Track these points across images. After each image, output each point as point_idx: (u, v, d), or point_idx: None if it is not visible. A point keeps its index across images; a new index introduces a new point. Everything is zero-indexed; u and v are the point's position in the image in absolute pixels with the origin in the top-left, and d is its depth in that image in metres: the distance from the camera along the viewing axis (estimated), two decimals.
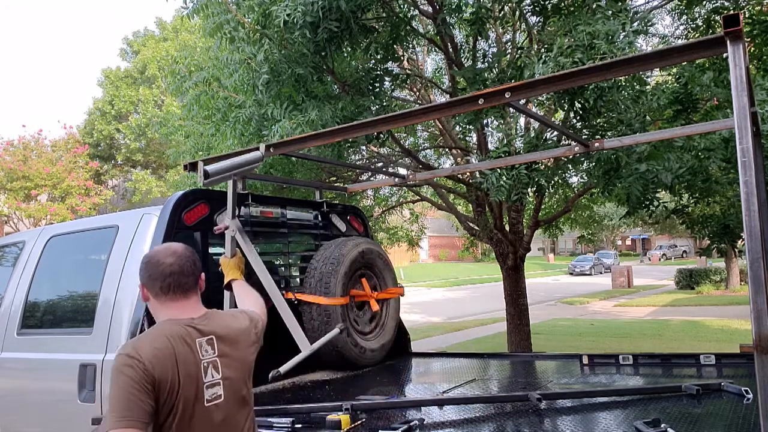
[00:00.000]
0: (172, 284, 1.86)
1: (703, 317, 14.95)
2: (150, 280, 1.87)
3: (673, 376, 3.40)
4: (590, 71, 2.20)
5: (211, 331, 1.86)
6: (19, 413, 3.56)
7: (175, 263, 1.88)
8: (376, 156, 9.09)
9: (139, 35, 28.56)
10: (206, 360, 1.81)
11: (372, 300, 4.01)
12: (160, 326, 1.83)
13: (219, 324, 1.91)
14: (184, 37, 21.58)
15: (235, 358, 1.90)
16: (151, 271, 1.87)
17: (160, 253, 1.90)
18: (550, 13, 5.41)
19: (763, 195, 2.57)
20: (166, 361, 1.72)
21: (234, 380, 1.87)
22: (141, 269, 1.91)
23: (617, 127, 4.94)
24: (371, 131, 3.79)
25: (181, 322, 1.83)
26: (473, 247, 14.57)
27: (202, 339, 1.83)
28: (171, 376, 1.72)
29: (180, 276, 1.87)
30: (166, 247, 1.94)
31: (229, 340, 1.90)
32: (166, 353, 1.73)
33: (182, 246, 1.96)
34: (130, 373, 1.67)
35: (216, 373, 1.82)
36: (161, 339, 1.76)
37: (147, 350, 1.71)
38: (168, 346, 1.75)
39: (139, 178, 24.41)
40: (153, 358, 1.70)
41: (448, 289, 29.41)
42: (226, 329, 1.92)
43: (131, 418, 1.63)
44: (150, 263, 1.89)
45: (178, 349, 1.76)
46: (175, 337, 1.78)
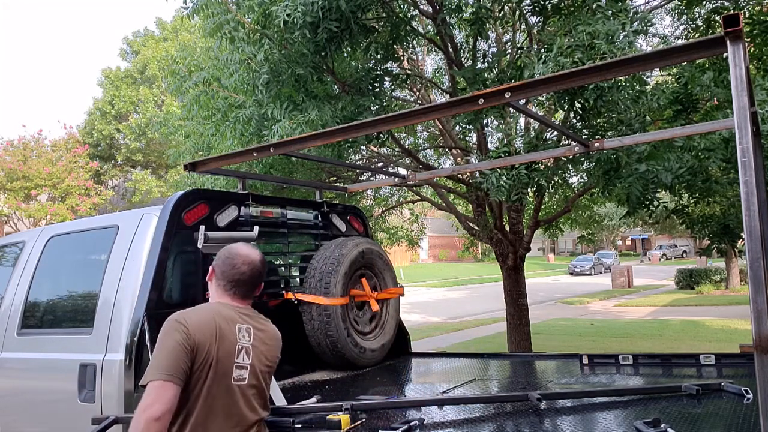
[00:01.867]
0: (236, 287, 2.16)
1: (703, 317, 14.95)
2: (222, 274, 2.16)
3: (673, 376, 3.40)
4: (590, 71, 2.20)
5: (251, 323, 2.14)
6: (19, 413, 3.55)
7: (247, 273, 2.16)
8: (376, 156, 9.09)
9: (139, 35, 28.57)
10: (241, 344, 2.06)
11: (372, 300, 4.01)
12: (210, 305, 2.15)
13: (258, 321, 2.19)
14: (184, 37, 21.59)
15: (264, 352, 2.14)
16: (226, 269, 2.16)
17: (240, 258, 2.17)
18: (550, 13, 5.41)
19: (763, 195, 2.57)
20: (208, 331, 1.98)
21: (259, 370, 2.11)
22: (221, 257, 2.19)
23: (617, 127, 4.94)
24: (371, 131, 3.79)
25: (228, 306, 2.13)
26: (473, 247, 14.57)
27: (243, 325, 2.10)
28: (209, 345, 1.96)
29: (246, 285, 2.18)
30: (247, 254, 2.19)
31: (262, 336, 2.16)
32: (209, 325, 2.00)
33: (260, 258, 2.22)
34: (175, 336, 1.93)
35: (246, 358, 2.07)
36: (207, 313, 2.05)
37: (193, 319, 1.99)
38: (212, 319, 2.02)
39: (139, 178, 24.42)
40: (196, 325, 1.97)
41: (448, 289, 29.41)
42: (263, 327, 2.19)
43: (170, 374, 1.87)
44: (229, 261, 2.16)
45: (221, 325, 2.02)
46: (220, 316, 2.06)
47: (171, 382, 1.86)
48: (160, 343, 1.95)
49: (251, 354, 2.09)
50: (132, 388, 2.88)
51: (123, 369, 2.91)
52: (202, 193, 3.54)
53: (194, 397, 1.95)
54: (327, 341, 3.64)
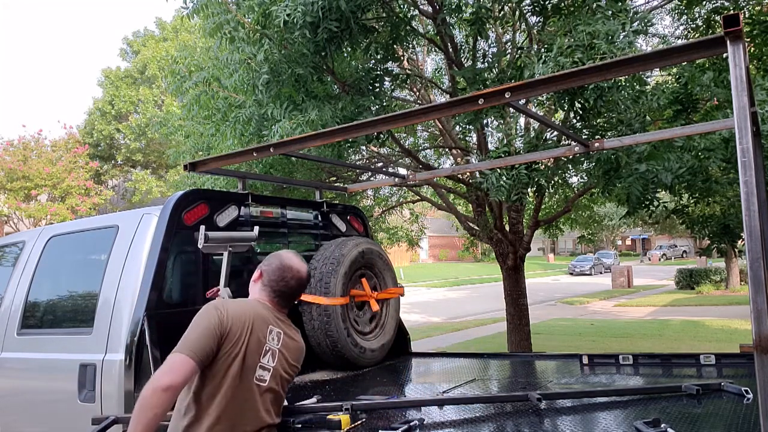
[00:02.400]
0: (280, 297, 2.24)
1: (703, 317, 14.95)
2: (269, 281, 2.23)
3: (673, 376, 3.40)
4: (590, 71, 2.20)
5: (283, 328, 2.20)
6: (19, 413, 3.55)
7: (294, 287, 2.26)
8: (376, 156, 9.09)
9: (139, 35, 28.56)
10: (269, 345, 2.11)
11: (372, 300, 4.01)
12: (251, 302, 2.21)
13: (290, 329, 2.26)
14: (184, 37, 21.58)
15: (288, 360, 2.20)
16: (275, 278, 2.23)
17: (291, 272, 2.25)
18: (550, 13, 5.41)
19: (763, 195, 2.57)
20: (242, 321, 2.04)
21: (280, 377, 2.15)
22: (272, 265, 2.25)
23: (617, 127, 4.94)
24: (371, 131, 3.79)
25: (268, 309, 2.20)
26: (473, 247, 14.57)
27: (275, 328, 2.16)
28: (239, 333, 2.02)
29: (290, 297, 2.28)
30: (298, 270, 2.27)
31: (289, 344, 2.22)
32: (243, 317, 2.06)
33: (307, 272, 2.33)
34: (210, 318, 2.00)
35: (272, 361, 2.11)
36: (246, 308, 2.11)
37: (231, 307, 2.07)
38: (249, 313, 2.09)
39: (139, 178, 24.41)
40: (233, 314, 2.04)
41: (448, 289, 29.40)
42: (293, 336, 2.26)
43: (193, 351, 1.92)
44: (280, 274, 2.23)
45: (255, 322, 2.08)
46: (257, 313, 2.12)
47: (191, 358, 1.90)
48: (194, 323, 2.01)
49: (276, 358, 2.12)
50: (132, 388, 2.88)
51: (123, 369, 2.91)
52: (202, 193, 3.55)
53: (217, 383, 1.98)
54: (327, 341, 3.64)
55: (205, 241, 3.06)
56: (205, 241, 3.07)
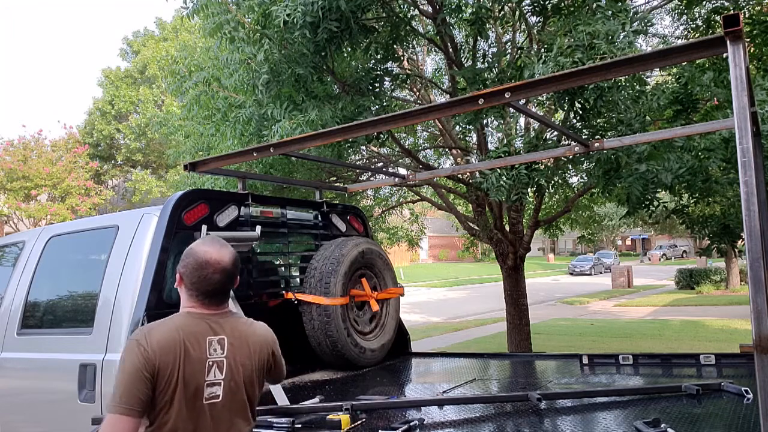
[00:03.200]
0: (210, 297, 1.91)
1: (703, 317, 14.95)
2: (191, 284, 1.91)
3: (673, 376, 3.40)
4: (590, 71, 2.20)
5: (226, 332, 1.90)
6: (19, 413, 3.55)
7: (221, 281, 1.91)
8: (376, 156, 9.09)
9: (139, 35, 28.56)
10: (212, 359, 1.85)
11: (372, 300, 4.01)
12: (176, 318, 1.91)
13: (235, 327, 1.94)
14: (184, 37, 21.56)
15: (242, 363, 1.91)
16: (195, 279, 1.90)
17: (210, 267, 1.90)
18: (550, 13, 5.41)
19: (763, 195, 2.57)
20: (171, 352, 1.79)
21: (236, 384, 1.89)
22: (187, 267, 1.91)
23: (617, 127, 4.94)
24: (371, 131, 3.79)
25: (199, 317, 1.89)
26: (473, 247, 14.57)
27: (214, 338, 1.87)
28: (172, 367, 1.78)
29: (220, 292, 1.93)
30: (218, 261, 1.91)
31: (240, 344, 1.92)
32: (172, 344, 1.79)
33: (231, 258, 1.94)
34: (134, 360, 1.76)
35: (219, 374, 1.86)
36: (172, 331, 1.83)
37: (155, 339, 1.79)
38: (176, 338, 1.81)
39: (139, 178, 24.41)
40: (158, 346, 1.78)
41: (448, 289, 29.41)
42: (242, 334, 1.94)
43: (127, 406, 1.71)
44: (198, 272, 1.89)
45: (186, 343, 1.82)
46: (186, 332, 1.84)
47: (127, 415, 1.71)
48: (120, 365, 1.79)
49: (224, 367, 1.87)
50: None
51: None
52: (202, 193, 3.55)
53: (165, 420, 1.79)
54: (327, 341, 3.64)
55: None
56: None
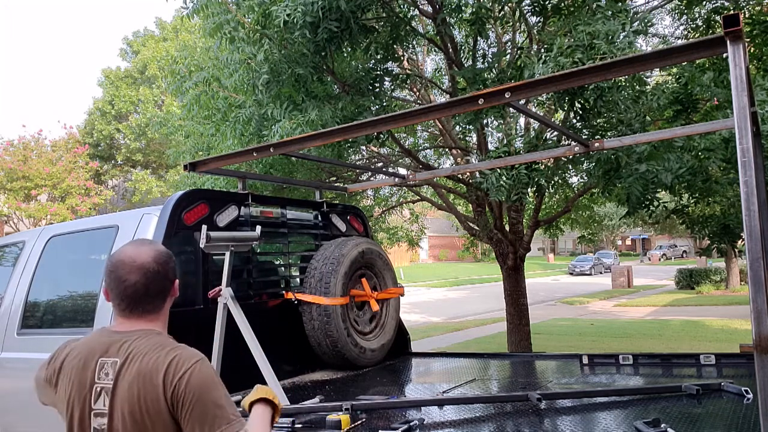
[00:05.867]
0: (128, 303, 1.59)
1: (703, 317, 14.95)
2: (110, 291, 1.61)
3: (673, 376, 3.40)
4: (590, 71, 2.20)
5: (124, 353, 1.54)
6: (19, 413, 3.55)
7: (140, 281, 1.57)
8: (376, 156, 9.09)
9: (139, 35, 28.55)
10: (100, 384, 1.53)
11: (372, 300, 4.01)
12: (89, 337, 1.65)
13: (139, 350, 1.54)
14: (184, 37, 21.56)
15: (133, 392, 1.50)
16: (113, 285, 1.59)
17: (125, 266, 1.58)
18: (550, 13, 5.42)
19: (763, 195, 2.57)
20: (67, 376, 1.59)
21: (123, 416, 1.50)
22: (105, 271, 1.62)
23: (617, 127, 4.95)
24: (371, 131, 3.79)
25: (107, 334, 1.61)
26: (473, 247, 14.57)
27: (107, 360, 1.54)
28: (68, 391, 1.58)
29: (142, 296, 1.59)
30: (133, 259, 1.58)
31: (140, 372, 1.50)
32: (69, 367, 1.59)
33: (153, 256, 1.61)
34: (38, 372, 1.68)
35: (107, 402, 1.52)
36: (78, 350, 1.61)
37: (64, 353, 1.65)
38: (77, 359, 1.59)
39: (139, 178, 24.41)
40: (60, 362, 1.63)
41: (448, 289, 29.40)
42: (145, 360, 1.52)
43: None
44: (114, 273, 1.59)
45: (81, 365, 1.57)
46: (84, 349, 1.59)
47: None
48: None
49: (115, 397, 1.51)
50: None
51: None
52: (202, 193, 3.55)
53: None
54: (327, 341, 3.64)
55: (207, 240, 3.06)
56: (207, 241, 3.07)
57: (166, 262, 1.63)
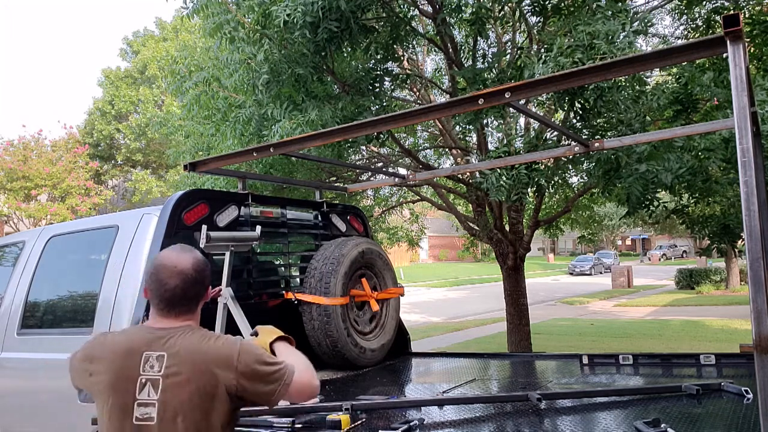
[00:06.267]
0: (168, 304, 1.76)
1: (703, 317, 14.95)
2: (150, 292, 1.78)
3: (673, 376, 3.40)
4: (590, 71, 2.20)
5: (169, 346, 1.68)
6: (19, 413, 3.56)
7: (179, 286, 1.74)
8: (376, 156, 9.09)
9: (139, 35, 28.56)
10: (146, 376, 1.66)
11: (372, 300, 4.01)
12: (128, 329, 1.88)
13: (186, 344, 1.70)
14: (184, 37, 21.56)
15: (187, 382, 1.65)
16: (154, 287, 1.76)
17: (167, 271, 1.75)
18: (550, 13, 5.42)
19: (763, 195, 2.57)
20: (104, 365, 1.70)
21: (175, 406, 1.64)
22: (147, 273, 1.81)
23: (617, 127, 4.95)
24: (371, 131, 3.79)
25: (148, 330, 1.75)
26: (473, 247, 14.57)
27: (152, 353, 1.68)
28: (106, 380, 1.68)
29: (180, 298, 1.76)
30: (174, 264, 1.76)
31: (183, 362, 1.66)
32: (107, 357, 1.71)
33: (192, 263, 1.78)
34: (72, 361, 1.81)
35: (153, 393, 1.65)
36: (117, 342, 1.74)
37: (99, 343, 1.78)
38: (117, 350, 1.71)
39: (139, 178, 24.42)
40: (98, 353, 1.74)
41: (448, 289, 29.41)
42: (190, 352, 1.68)
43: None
44: (155, 277, 1.76)
45: (122, 357, 1.69)
46: (125, 344, 1.72)
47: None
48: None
49: (160, 387, 1.64)
50: None
51: None
52: (202, 193, 3.55)
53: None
54: (327, 341, 3.64)
55: (207, 240, 3.06)
56: (207, 241, 3.06)
57: (203, 270, 1.82)
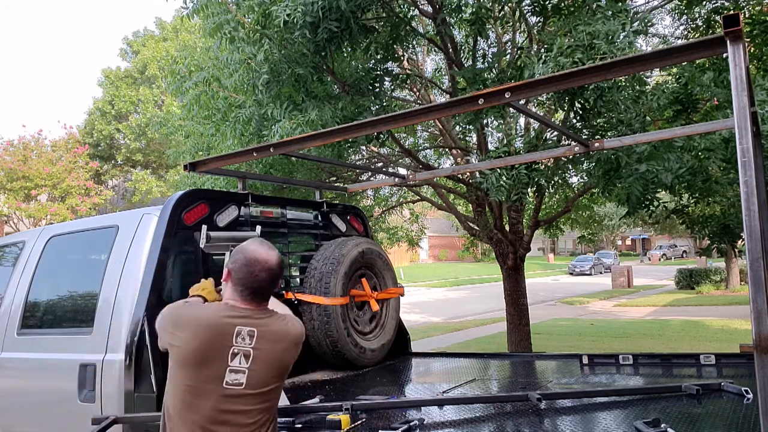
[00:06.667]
0: (253, 292, 2.06)
1: (703, 317, 14.95)
2: (239, 280, 2.06)
3: (673, 376, 3.40)
4: (590, 71, 2.20)
5: (258, 324, 2.03)
6: (19, 413, 3.55)
7: (266, 279, 2.06)
8: (376, 156, 9.09)
9: (139, 35, 28.56)
10: (238, 347, 1.98)
11: (372, 300, 4.01)
12: (216, 303, 2.18)
13: (268, 322, 2.07)
14: (184, 37, 21.55)
15: (269, 354, 2.02)
16: (243, 276, 2.05)
17: (259, 265, 2.05)
18: (550, 13, 5.42)
19: (763, 195, 2.57)
20: (194, 332, 1.98)
21: (261, 374, 2.00)
22: (238, 262, 2.07)
23: (617, 127, 4.95)
24: (371, 131, 3.79)
25: (235, 309, 2.05)
26: (473, 247, 14.56)
27: (244, 328, 2.00)
28: (198, 346, 1.95)
29: (265, 290, 2.09)
30: (266, 260, 2.06)
31: (268, 338, 2.03)
32: (199, 325, 2.00)
33: (277, 259, 2.10)
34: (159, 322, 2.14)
35: (245, 362, 1.98)
36: (207, 316, 2.04)
37: (183, 316, 2.07)
38: (209, 322, 2.00)
39: (139, 178, 24.41)
40: (184, 323, 2.03)
41: (448, 289, 29.40)
42: (272, 328, 2.06)
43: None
44: (247, 269, 2.04)
45: (214, 328, 1.98)
46: (216, 319, 2.01)
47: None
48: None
49: (251, 358, 1.99)
50: (132, 388, 2.87)
51: (123, 369, 2.91)
52: (202, 193, 3.55)
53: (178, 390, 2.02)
54: (327, 341, 3.64)
55: (207, 240, 3.06)
56: (207, 241, 3.06)
57: (282, 266, 2.14)
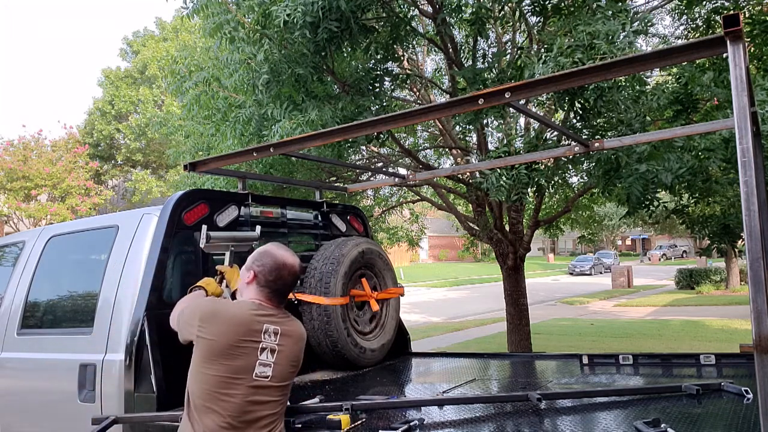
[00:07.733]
0: (279, 295, 2.28)
1: (703, 317, 14.95)
2: (266, 281, 2.25)
3: (673, 376, 3.40)
4: (590, 71, 2.19)
5: (281, 323, 2.25)
6: (19, 413, 3.55)
7: (291, 282, 2.29)
8: (376, 156, 9.09)
9: (139, 35, 28.56)
10: (265, 343, 2.19)
11: (372, 300, 4.01)
12: (246, 301, 2.28)
13: (287, 322, 2.29)
14: (184, 37, 21.56)
15: (289, 351, 2.26)
16: (271, 278, 2.24)
17: (286, 269, 2.26)
18: (550, 13, 5.42)
19: (763, 195, 2.57)
20: (224, 326, 2.15)
21: (283, 368, 2.22)
22: (265, 266, 2.25)
23: (617, 127, 4.94)
24: (371, 131, 3.79)
25: (263, 308, 2.24)
26: (473, 247, 14.56)
27: (270, 327, 2.21)
28: (227, 340, 2.12)
29: (286, 292, 2.31)
30: (292, 264, 2.28)
31: (289, 336, 2.26)
32: (229, 321, 2.17)
33: (299, 266, 2.32)
34: (180, 316, 2.34)
35: (271, 357, 2.20)
36: (235, 312, 2.21)
37: (209, 311, 2.20)
38: (238, 318, 2.18)
39: (139, 178, 24.41)
40: (213, 317, 2.18)
41: (448, 289, 29.40)
42: (291, 328, 2.29)
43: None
44: (276, 273, 2.24)
45: (244, 324, 2.17)
46: (245, 316, 2.19)
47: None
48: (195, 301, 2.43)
49: (276, 353, 2.21)
50: (132, 388, 2.87)
51: (123, 369, 2.91)
52: (202, 193, 3.54)
53: (211, 381, 2.17)
54: (327, 341, 3.64)
55: (207, 240, 3.06)
56: (207, 241, 3.06)
57: (303, 268, 2.39)
